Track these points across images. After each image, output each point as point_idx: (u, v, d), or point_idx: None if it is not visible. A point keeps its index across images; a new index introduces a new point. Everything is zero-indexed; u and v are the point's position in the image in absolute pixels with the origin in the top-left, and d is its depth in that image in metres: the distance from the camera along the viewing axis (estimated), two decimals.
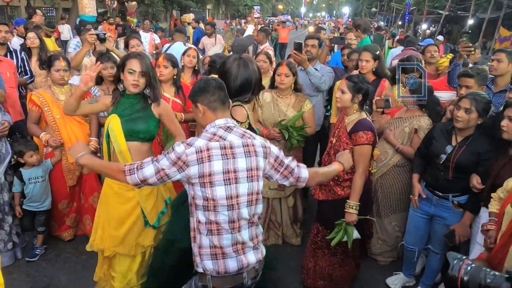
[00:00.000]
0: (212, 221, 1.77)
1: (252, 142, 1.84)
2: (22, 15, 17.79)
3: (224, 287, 1.85)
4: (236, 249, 1.83)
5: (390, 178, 3.22)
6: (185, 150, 1.73)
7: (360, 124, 2.64)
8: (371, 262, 3.45)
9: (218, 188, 1.74)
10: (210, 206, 1.76)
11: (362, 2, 44.01)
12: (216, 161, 1.74)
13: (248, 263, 1.85)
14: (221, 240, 1.79)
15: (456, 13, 18.97)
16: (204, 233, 1.80)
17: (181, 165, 1.74)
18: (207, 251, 1.81)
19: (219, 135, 1.79)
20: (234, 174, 1.77)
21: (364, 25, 4.85)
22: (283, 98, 3.37)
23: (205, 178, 1.73)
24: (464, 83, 3.07)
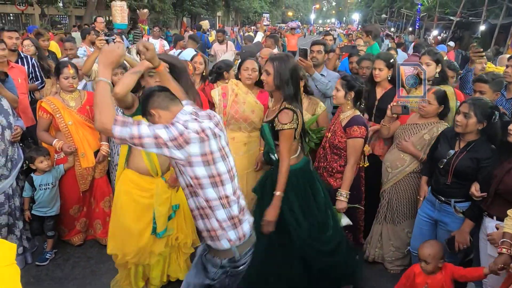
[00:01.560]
0: (222, 196, 1.93)
1: (218, 120, 2.01)
2: (36, 22, 18.14)
3: (246, 251, 2.04)
4: (243, 214, 2.05)
5: (405, 184, 3.20)
6: (186, 129, 1.79)
7: (354, 119, 2.88)
8: (381, 270, 3.41)
9: (219, 164, 1.90)
10: (217, 181, 1.90)
11: (372, 9, 43.97)
12: (212, 140, 1.88)
13: (250, 223, 2.09)
14: (234, 210, 1.97)
15: (468, 19, 18.82)
16: (218, 208, 1.93)
17: (181, 142, 1.77)
18: (227, 224, 1.95)
19: (195, 117, 1.91)
20: (224, 150, 1.95)
21: (374, 31, 4.84)
22: None
23: (207, 156, 1.85)
24: (478, 88, 3.05)
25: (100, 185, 3.63)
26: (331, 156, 2.99)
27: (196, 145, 1.80)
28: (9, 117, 3.11)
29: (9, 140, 3.06)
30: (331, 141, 2.98)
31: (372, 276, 3.32)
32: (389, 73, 3.38)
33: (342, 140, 2.90)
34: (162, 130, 1.75)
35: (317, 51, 3.86)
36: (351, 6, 77.19)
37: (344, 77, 2.93)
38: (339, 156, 2.95)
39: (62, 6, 18.13)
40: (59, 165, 3.42)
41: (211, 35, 12.68)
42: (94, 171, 3.53)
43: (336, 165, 2.94)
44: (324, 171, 3.01)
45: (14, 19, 20.63)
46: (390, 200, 3.27)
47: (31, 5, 17.42)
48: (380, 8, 39.03)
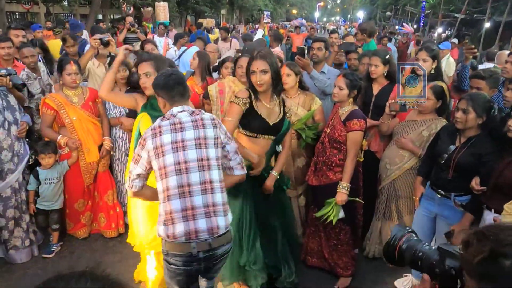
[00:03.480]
0: (164, 189, 1.99)
1: (200, 117, 2.09)
2: (41, 21, 18.28)
3: (174, 252, 1.98)
4: (186, 214, 1.95)
5: (403, 180, 3.24)
6: (147, 130, 2.06)
7: (353, 113, 2.95)
8: (380, 265, 3.45)
9: (168, 156, 1.98)
10: (163, 174, 1.98)
11: (376, 6, 43.73)
12: (165, 134, 2.00)
13: (197, 230, 1.94)
14: (172, 205, 1.96)
15: (472, 17, 18.72)
16: (160, 202, 2.03)
17: (142, 142, 2.03)
18: (161, 219, 2.01)
19: (172, 114, 2.07)
20: (182, 143, 2.00)
21: (369, 29, 4.86)
22: (291, 98, 3.40)
23: (158, 149, 1.99)
24: (475, 85, 3.07)
25: (104, 179, 3.71)
26: (330, 150, 3.03)
27: (149, 141, 2.00)
28: (15, 113, 3.20)
29: (15, 135, 3.15)
30: (330, 135, 3.03)
31: (372, 271, 3.38)
32: (385, 69, 3.42)
33: (342, 134, 2.95)
34: (137, 149, 2.06)
35: (318, 48, 3.88)
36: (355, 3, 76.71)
37: (345, 75, 2.96)
38: (339, 150, 3.00)
39: (67, 4, 18.27)
40: (64, 160, 3.50)
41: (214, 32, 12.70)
42: (98, 165, 3.61)
43: (336, 159, 3.00)
44: (324, 165, 3.06)
45: (20, 18, 20.80)
46: (389, 196, 3.31)
47: (37, 3, 17.59)
48: (385, 5, 38.80)
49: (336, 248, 3.17)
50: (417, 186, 3.02)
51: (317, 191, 3.17)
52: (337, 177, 2.99)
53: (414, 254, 1.21)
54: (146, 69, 2.60)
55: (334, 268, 3.20)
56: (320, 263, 3.29)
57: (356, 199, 3.08)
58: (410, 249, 1.23)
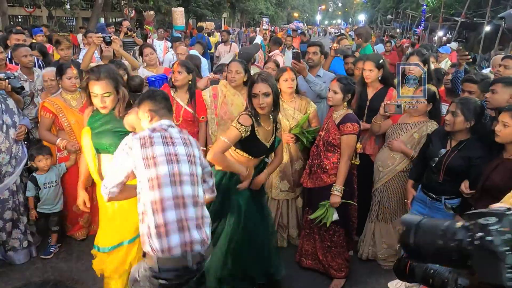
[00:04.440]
0: (156, 200, 1.89)
1: (187, 137, 2.12)
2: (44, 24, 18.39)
3: (168, 267, 1.90)
4: (181, 225, 1.91)
5: (395, 183, 3.27)
6: (131, 137, 1.99)
7: (347, 117, 2.99)
8: (374, 267, 3.49)
9: (162, 166, 1.93)
10: (154, 185, 1.90)
11: (377, 10, 43.82)
12: (157, 145, 1.96)
13: (192, 241, 1.92)
14: (166, 217, 1.89)
15: (472, 20, 18.74)
16: (149, 214, 1.90)
17: (127, 150, 1.96)
18: (153, 231, 1.88)
19: (162, 128, 2.04)
20: (175, 156, 1.98)
21: (365, 34, 4.90)
22: (288, 102, 3.44)
23: (149, 160, 1.92)
24: (467, 88, 3.11)
25: None
26: (325, 153, 3.07)
27: (138, 150, 1.94)
28: (14, 116, 3.24)
29: (13, 138, 3.19)
30: (325, 138, 3.07)
31: (365, 272, 3.41)
32: (379, 74, 3.46)
33: (336, 137, 3.00)
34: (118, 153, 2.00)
35: (313, 52, 3.93)
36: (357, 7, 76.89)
37: (340, 79, 3.02)
38: (333, 153, 3.04)
39: (69, 8, 18.37)
40: (61, 163, 3.54)
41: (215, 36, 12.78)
42: None
43: (330, 162, 3.04)
44: (318, 168, 3.10)
45: (22, 21, 20.93)
46: (382, 198, 3.34)
47: (39, 7, 17.66)
48: (386, 9, 38.87)
49: (330, 250, 3.21)
50: (409, 189, 3.06)
51: (312, 193, 3.21)
52: (332, 180, 3.04)
53: (426, 271, 1.19)
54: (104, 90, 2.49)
55: (328, 270, 3.24)
56: (315, 265, 3.33)
57: (350, 201, 3.12)
58: (421, 265, 1.20)
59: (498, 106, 2.73)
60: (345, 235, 3.23)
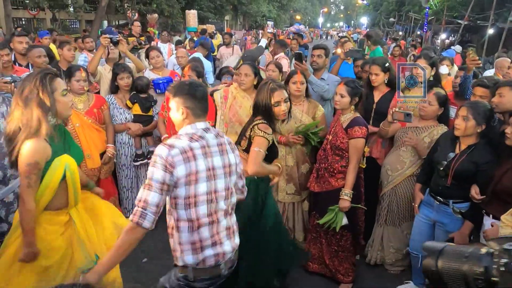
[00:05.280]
0: (193, 218, 1.85)
1: (224, 141, 2.01)
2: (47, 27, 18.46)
3: (203, 277, 1.92)
4: (214, 240, 1.92)
5: (404, 187, 3.24)
6: (170, 152, 1.78)
7: (355, 121, 2.97)
8: (381, 271, 3.46)
9: (201, 184, 1.85)
10: (191, 203, 1.84)
11: (380, 12, 43.85)
12: (199, 159, 1.85)
13: (224, 252, 1.96)
14: (201, 234, 1.88)
15: (476, 23, 18.71)
16: (184, 231, 1.87)
17: (169, 168, 1.76)
18: (188, 247, 1.88)
19: (198, 134, 1.91)
20: (213, 171, 1.89)
21: (375, 36, 4.89)
22: (297, 105, 3.42)
23: (191, 176, 1.81)
24: (478, 93, 3.09)
25: (106, 186, 3.70)
26: (333, 157, 3.05)
27: (182, 166, 1.78)
28: None
29: None
30: (332, 142, 3.05)
31: (372, 277, 3.38)
32: (385, 77, 3.44)
33: (344, 141, 2.98)
34: (156, 172, 1.76)
35: (318, 55, 3.92)
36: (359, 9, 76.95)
37: (347, 83, 2.99)
38: (341, 157, 3.02)
39: (72, 10, 18.45)
40: None
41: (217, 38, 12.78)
42: (100, 172, 3.63)
43: (338, 165, 3.02)
44: (325, 172, 3.08)
45: (26, 24, 21.01)
46: (390, 202, 3.31)
47: (43, 9, 17.75)
48: (388, 11, 38.89)
49: (337, 255, 3.18)
50: (416, 193, 3.04)
51: (319, 197, 3.18)
52: (339, 184, 3.01)
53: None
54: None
55: (335, 275, 3.21)
56: (321, 269, 3.30)
57: (359, 205, 3.10)
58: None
59: (506, 110, 2.71)
60: (352, 239, 3.21)
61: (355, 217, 3.17)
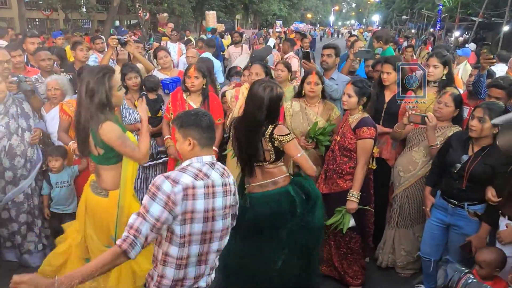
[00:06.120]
0: (183, 256, 1.81)
1: (228, 181, 1.93)
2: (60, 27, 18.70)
3: None
4: (197, 281, 1.89)
5: (416, 188, 3.19)
6: (173, 189, 1.72)
7: (363, 121, 2.93)
8: (392, 275, 3.40)
9: (197, 225, 1.80)
10: (186, 242, 1.80)
11: (392, 10, 43.41)
12: (199, 200, 1.79)
13: (198, 287, 1.91)
14: (187, 274, 1.84)
15: (490, 20, 18.38)
16: (171, 267, 1.82)
17: (171, 206, 1.71)
18: (168, 283, 1.83)
19: (204, 172, 1.85)
20: (212, 212, 1.83)
21: (385, 35, 4.81)
22: (312, 106, 3.38)
23: (187, 214, 1.76)
24: (494, 94, 3.02)
25: None
26: (341, 158, 3.01)
27: (180, 205, 1.73)
28: (29, 120, 3.26)
29: (28, 142, 3.21)
30: (340, 143, 3.01)
31: (382, 280, 3.33)
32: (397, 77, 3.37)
33: (352, 142, 2.94)
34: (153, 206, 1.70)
35: (327, 54, 3.87)
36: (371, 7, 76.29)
37: (355, 83, 2.94)
38: (349, 158, 2.98)
39: (85, 11, 18.65)
40: (75, 165, 3.55)
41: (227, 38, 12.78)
42: None
43: (346, 166, 2.98)
44: (334, 173, 3.04)
45: (39, 24, 21.33)
46: (402, 204, 3.25)
47: (56, 10, 17.98)
48: (401, 9, 38.46)
49: (346, 257, 3.14)
50: (427, 196, 2.97)
51: (328, 199, 3.10)
52: (348, 185, 2.97)
53: None
54: None
55: (344, 277, 3.17)
56: (330, 272, 3.26)
57: (367, 207, 3.05)
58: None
59: None
60: (362, 242, 3.16)
61: (364, 219, 3.13)
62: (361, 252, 3.16)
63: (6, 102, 3.13)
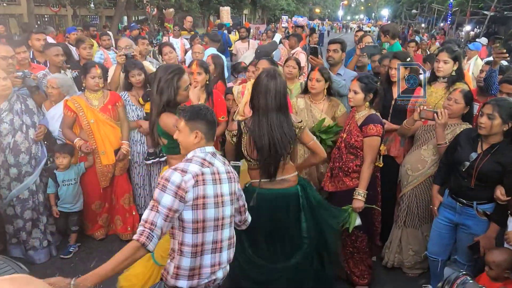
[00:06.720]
0: (198, 243, 1.86)
1: (230, 169, 2.03)
2: (68, 23, 18.82)
3: None
4: (214, 270, 1.94)
5: (425, 187, 3.12)
6: (183, 178, 1.78)
7: (370, 118, 2.87)
8: (399, 275, 3.35)
9: (209, 210, 1.86)
10: (199, 228, 1.85)
11: (402, 4, 42.88)
12: (209, 185, 1.86)
13: (216, 279, 1.97)
14: (203, 261, 1.90)
15: (503, 14, 18.05)
16: (187, 256, 1.86)
17: (181, 194, 1.77)
18: (185, 273, 1.87)
19: (209, 161, 1.93)
20: (221, 198, 1.91)
21: (392, 30, 4.72)
22: (317, 103, 3.34)
23: (199, 200, 1.82)
24: (506, 90, 2.95)
25: (121, 183, 3.73)
26: (347, 156, 2.96)
27: (190, 191, 1.79)
28: (33, 116, 3.26)
29: (32, 139, 3.21)
30: (347, 140, 2.96)
31: (389, 280, 3.29)
32: (405, 73, 3.31)
33: (359, 139, 2.88)
34: (164, 197, 1.74)
35: (333, 50, 3.81)
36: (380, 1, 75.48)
37: (360, 79, 2.88)
38: (356, 156, 2.93)
39: (93, 7, 18.71)
40: (81, 162, 3.54)
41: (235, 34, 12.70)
42: (115, 168, 3.64)
43: (352, 164, 2.92)
44: (340, 171, 2.99)
45: (48, 20, 21.47)
46: (410, 203, 3.19)
47: (64, 6, 18.06)
48: (410, 3, 37.99)
49: (352, 256, 3.10)
50: (435, 194, 2.90)
51: (334, 197, 3.08)
52: (354, 183, 2.92)
53: None
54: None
55: (350, 277, 3.13)
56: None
57: (373, 206, 3.00)
58: None
59: None
60: (368, 241, 3.11)
61: (371, 218, 3.08)
62: (367, 251, 3.12)
63: (10, 99, 3.13)
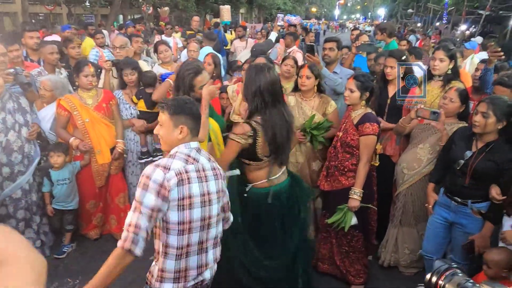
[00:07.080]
0: (183, 245, 1.78)
1: (216, 166, 1.94)
2: (64, 22, 18.67)
3: None
4: (201, 271, 1.87)
5: (420, 186, 3.12)
6: (165, 175, 1.70)
7: (366, 116, 2.86)
8: (395, 274, 3.35)
9: (196, 210, 1.77)
10: (185, 229, 1.76)
11: (398, 3, 42.95)
12: (194, 183, 1.77)
13: (204, 280, 1.90)
14: (189, 262, 1.82)
15: (498, 13, 18.12)
16: (171, 259, 1.79)
17: (164, 193, 1.68)
18: (170, 276, 1.80)
19: (193, 157, 1.83)
20: (208, 196, 1.82)
21: (389, 28, 4.72)
22: (307, 100, 3.32)
23: (185, 200, 1.73)
24: (498, 92, 2.94)
25: (116, 182, 3.71)
26: (343, 154, 2.95)
27: (175, 190, 1.70)
28: (26, 115, 3.23)
29: (25, 138, 3.18)
30: (343, 139, 2.95)
31: (385, 280, 3.28)
32: (402, 71, 3.30)
33: (355, 138, 2.87)
34: (146, 196, 1.67)
35: (329, 48, 3.80)
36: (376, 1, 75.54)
37: (356, 77, 2.87)
38: (351, 155, 2.92)
39: (88, 5, 18.58)
40: (76, 161, 3.51)
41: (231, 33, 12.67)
42: (110, 167, 3.61)
43: (348, 163, 2.92)
44: (336, 170, 2.99)
45: (43, 19, 21.30)
46: (406, 202, 3.19)
47: (59, 5, 17.92)
48: (406, 2, 38.02)
49: (347, 255, 3.09)
50: (430, 193, 2.90)
51: (330, 196, 3.09)
52: (350, 182, 2.91)
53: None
54: None
55: (346, 276, 3.13)
56: (332, 270, 3.21)
57: (369, 205, 2.99)
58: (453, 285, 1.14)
59: None
60: (364, 240, 3.10)
61: (367, 217, 3.07)
62: (363, 251, 3.11)
63: (3, 97, 3.10)
